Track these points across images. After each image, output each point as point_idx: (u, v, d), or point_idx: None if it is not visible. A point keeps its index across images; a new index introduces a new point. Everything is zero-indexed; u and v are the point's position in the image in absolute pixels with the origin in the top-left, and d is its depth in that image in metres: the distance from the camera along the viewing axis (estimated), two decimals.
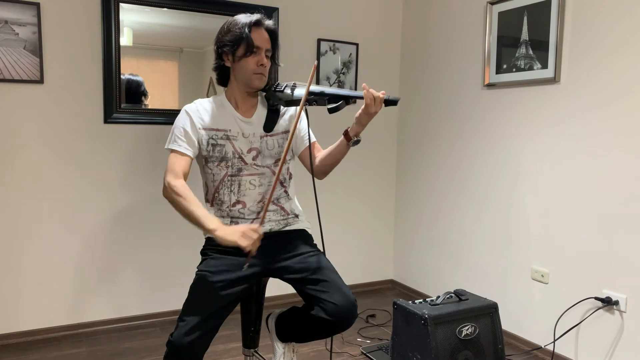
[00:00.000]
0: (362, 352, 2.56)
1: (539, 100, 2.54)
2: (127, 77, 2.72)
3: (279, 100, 1.76)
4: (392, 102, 1.62)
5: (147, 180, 2.83)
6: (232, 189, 1.76)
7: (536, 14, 2.52)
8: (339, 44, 3.27)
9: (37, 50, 2.51)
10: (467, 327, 2.15)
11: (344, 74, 3.30)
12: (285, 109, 1.84)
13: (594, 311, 2.31)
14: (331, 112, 1.66)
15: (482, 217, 2.89)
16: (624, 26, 2.18)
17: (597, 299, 2.28)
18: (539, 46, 2.50)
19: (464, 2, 2.98)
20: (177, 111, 2.84)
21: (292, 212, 1.86)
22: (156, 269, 2.90)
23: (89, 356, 2.47)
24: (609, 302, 2.24)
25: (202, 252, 1.81)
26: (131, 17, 2.70)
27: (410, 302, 2.22)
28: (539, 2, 2.50)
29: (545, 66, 2.48)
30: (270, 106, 1.82)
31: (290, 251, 1.76)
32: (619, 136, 2.21)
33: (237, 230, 1.56)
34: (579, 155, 2.37)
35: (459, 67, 3.02)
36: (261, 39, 1.72)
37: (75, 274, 2.71)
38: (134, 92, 2.75)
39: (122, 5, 2.66)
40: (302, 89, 1.73)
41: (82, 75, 2.64)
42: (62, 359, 2.43)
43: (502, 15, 2.71)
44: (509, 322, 2.72)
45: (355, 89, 3.34)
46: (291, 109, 1.84)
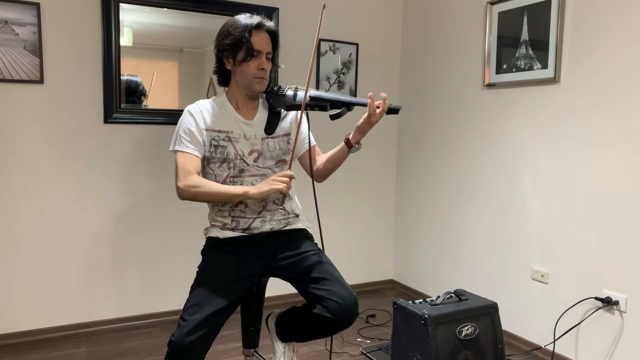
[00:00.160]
0: (362, 352, 2.56)
1: (539, 100, 2.54)
2: (125, 78, 2.73)
3: (281, 103, 1.76)
4: (393, 110, 1.66)
5: (147, 180, 2.83)
6: None
7: (536, 14, 2.52)
8: (339, 44, 3.27)
9: (37, 50, 2.51)
10: (467, 327, 2.15)
11: (344, 74, 3.30)
12: (285, 111, 1.85)
13: (594, 311, 2.31)
14: (333, 118, 1.68)
15: (482, 217, 2.89)
16: (624, 26, 2.18)
17: (597, 299, 2.29)
18: (539, 46, 2.51)
19: (464, 2, 2.98)
20: (177, 111, 2.90)
21: (293, 211, 1.86)
22: (156, 268, 2.90)
23: (89, 356, 2.47)
24: (609, 302, 2.24)
25: (203, 252, 1.81)
26: (131, 17, 2.70)
27: (410, 302, 2.23)
28: (539, 2, 2.50)
29: (545, 66, 2.48)
30: (271, 108, 1.82)
31: (291, 250, 1.76)
32: (619, 136, 2.21)
33: (268, 181, 1.63)
34: (579, 155, 2.37)
35: (459, 67, 3.02)
36: (262, 43, 1.71)
37: (75, 274, 2.71)
38: (133, 92, 2.75)
39: (122, 5, 2.66)
40: (302, 93, 1.73)
41: (82, 75, 2.64)
42: (62, 359, 2.43)
43: (502, 15, 2.71)
44: (509, 322, 2.72)
45: (355, 89, 3.35)
46: (292, 112, 1.85)
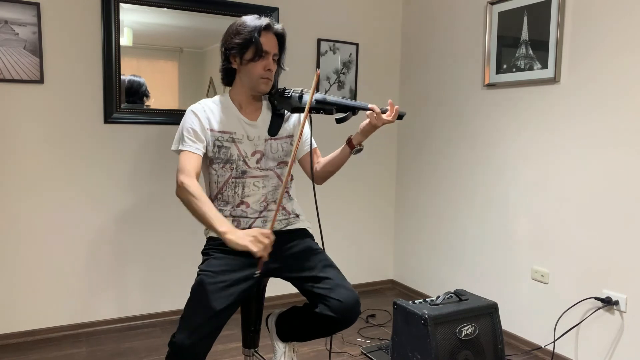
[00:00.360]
0: (362, 352, 2.56)
1: (539, 100, 2.54)
2: (128, 78, 2.73)
3: (286, 105, 1.77)
4: (398, 117, 1.67)
5: (147, 179, 2.83)
6: (236, 190, 1.77)
7: (536, 14, 2.52)
8: (339, 44, 3.26)
9: (37, 50, 2.51)
10: (467, 327, 2.15)
11: (344, 74, 3.30)
12: (289, 113, 1.85)
13: (594, 311, 2.31)
14: (339, 122, 1.69)
15: (482, 217, 2.89)
16: (624, 26, 2.18)
17: (597, 299, 2.29)
18: (539, 46, 2.51)
19: (464, 2, 2.98)
20: (177, 111, 2.90)
21: (294, 212, 1.87)
22: (157, 268, 2.90)
23: (89, 356, 2.47)
24: (609, 302, 2.24)
25: (204, 252, 1.81)
26: (131, 17, 2.70)
27: (410, 302, 2.23)
28: (539, 2, 2.50)
29: (545, 66, 2.48)
30: (275, 110, 1.82)
31: (291, 250, 1.77)
32: (619, 136, 2.21)
33: (249, 234, 1.50)
34: (579, 155, 2.37)
35: (459, 67, 3.02)
36: (270, 44, 1.72)
37: (75, 274, 2.71)
38: (135, 92, 2.75)
39: (122, 5, 2.66)
40: (308, 97, 1.74)
41: (82, 75, 2.64)
42: (62, 359, 2.43)
43: (502, 15, 2.71)
44: (509, 322, 2.72)
45: (355, 89, 3.35)
46: (295, 114, 1.85)
